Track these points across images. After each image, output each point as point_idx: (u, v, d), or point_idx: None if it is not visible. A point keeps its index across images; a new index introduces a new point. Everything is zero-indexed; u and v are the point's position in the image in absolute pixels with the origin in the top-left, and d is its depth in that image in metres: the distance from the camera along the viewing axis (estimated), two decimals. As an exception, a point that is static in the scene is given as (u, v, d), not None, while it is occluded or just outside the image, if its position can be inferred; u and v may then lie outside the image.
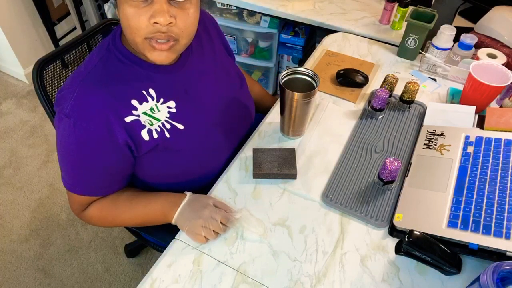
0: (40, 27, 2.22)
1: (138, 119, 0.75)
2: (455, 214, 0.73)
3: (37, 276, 1.49)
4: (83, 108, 0.71)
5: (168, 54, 0.70)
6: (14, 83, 2.29)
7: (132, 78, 0.75)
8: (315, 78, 0.89)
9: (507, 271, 0.56)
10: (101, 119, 0.71)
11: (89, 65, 0.75)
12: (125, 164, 0.79)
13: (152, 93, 0.77)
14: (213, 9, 1.83)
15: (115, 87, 0.73)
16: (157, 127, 0.78)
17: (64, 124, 0.72)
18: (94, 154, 0.74)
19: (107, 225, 0.86)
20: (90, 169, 0.76)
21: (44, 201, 1.73)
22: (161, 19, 0.64)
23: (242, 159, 0.91)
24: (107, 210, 0.82)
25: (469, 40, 1.08)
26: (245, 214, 0.80)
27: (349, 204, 0.81)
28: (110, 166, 0.77)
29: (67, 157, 0.76)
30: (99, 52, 0.76)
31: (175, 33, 0.68)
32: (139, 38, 0.67)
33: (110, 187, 0.82)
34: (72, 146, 0.73)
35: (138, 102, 0.75)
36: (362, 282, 0.70)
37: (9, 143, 1.97)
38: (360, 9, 1.53)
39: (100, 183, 0.79)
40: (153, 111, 0.77)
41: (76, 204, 0.82)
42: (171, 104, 0.79)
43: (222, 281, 0.71)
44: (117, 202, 0.82)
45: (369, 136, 0.95)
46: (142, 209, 0.82)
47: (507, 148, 0.82)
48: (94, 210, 0.82)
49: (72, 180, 0.78)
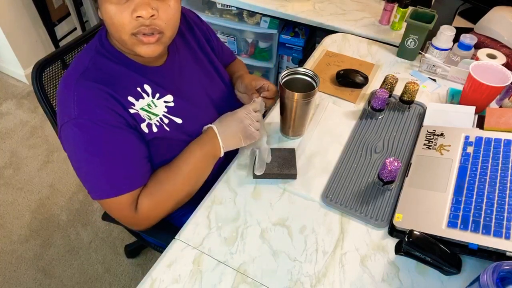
0: (41, 28, 2.22)
1: (138, 113, 0.76)
2: (455, 214, 0.73)
3: (37, 276, 1.49)
4: (90, 104, 0.70)
5: (155, 47, 0.72)
6: (14, 84, 2.29)
7: (124, 76, 0.76)
8: (315, 78, 0.89)
9: (507, 271, 0.56)
10: (111, 108, 0.71)
11: (79, 68, 0.74)
12: (144, 144, 0.78)
13: (148, 89, 0.78)
14: (213, 10, 1.83)
15: (111, 85, 0.73)
16: (156, 121, 0.78)
17: (81, 127, 0.70)
18: (120, 141, 0.73)
19: (168, 207, 0.80)
20: (125, 159, 0.73)
21: (44, 201, 1.73)
22: (144, 12, 0.66)
23: (242, 159, 0.91)
24: (157, 192, 0.77)
25: (469, 41, 1.08)
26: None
27: (349, 204, 0.81)
28: (138, 149, 0.76)
29: (98, 160, 0.72)
30: (87, 55, 0.76)
31: (159, 25, 0.70)
32: (125, 35, 0.69)
33: (146, 172, 0.78)
34: (99, 143, 0.71)
35: (135, 99, 0.76)
36: (362, 282, 0.70)
37: (9, 144, 1.97)
38: (360, 9, 1.53)
39: (138, 170, 0.76)
40: (150, 106, 0.78)
41: (127, 207, 0.75)
42: (168, 98, 0.80)
43: (222, 281, 0.71)
44: (160, 180, 0.78)
45: (369, 136, 0.95)
46: (187, 167, 0.80)
47: (507, 148, 0.82)
48: (146, 201, 0.76)
49: (112, 182, 0.73)
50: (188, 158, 0.81)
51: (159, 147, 0.80)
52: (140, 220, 0.78)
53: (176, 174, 0.79)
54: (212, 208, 0.82)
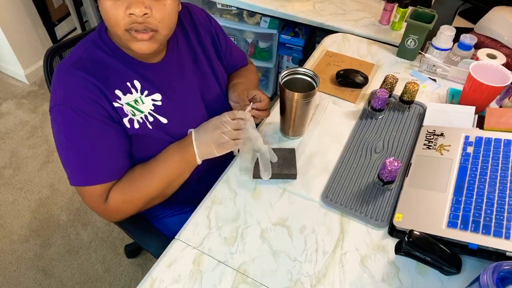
0: (40, 27, 2.22)
1: (122, 108, 0.76)
2: (455, 214, 0.73)
3: (37, 276, 1.49)
4: (75, 93, 0.72)
5: (149, 44, 0.72)
6: (14, 84, 2.29)
7: (116, 69, 0.76)
8: (315, 78, 0.89)
9: (507, 271, 0.56)
10: (94, 100, 0.72)
11: (73, 57, 0.76)
12: (125, 139, 0.79)
13: (137, 85, 0.78)
14: (213, 10, 1.83)
15: (100, 77, 0.74)
16: (139, 118, 0.78)
17: (63, 114, 0.72)
18: (98, 134, 0.74)
19: (136, 205, 0.80)
20: (99, 152, 0.75)
21: (44, 201, 1.73)
22: (136, 10, 0.66)
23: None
24: (128, 189, 0.78)
25: (469, 41, 1.08)
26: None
27: (349, 204, 0.81)
28: (115, 143, 0.77)
29: (74, 148, 0.74)
30: (83, 45, 0.77)
31: (152, 24, 0.70)
32: (120, 30, 0.69)
33: (122, 167, 0.79)
34: (77, 133, 0.73)
35: (122, 93, 0.76)
36: (362, 282, 0.70)
37: (9, 144, 1.97)
38: (360, 9, 1.53)
39: (112, 164, 0.77)
40: (137, 102, 0.78)
41: (95, 198, 0.77)
42: (156, 96, 0.80)
43: (222, 281, 0.71)
44: (134, 178, 0.79)
45: (369, 136, 0.95)
46: (162, 170, 0.80)
47: (507, 148, 0.82)
48: (116, 196, 0.77)
49: (84, 172, 0.75)
50: (164, 160, 0.81)
51: (139, 143, 0.81)
52: (109, 213, 0.79)
53: (150, 174, 0.80)
54: (212, 208, 0.82)
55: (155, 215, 1.00)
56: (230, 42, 1.02)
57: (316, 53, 1.23)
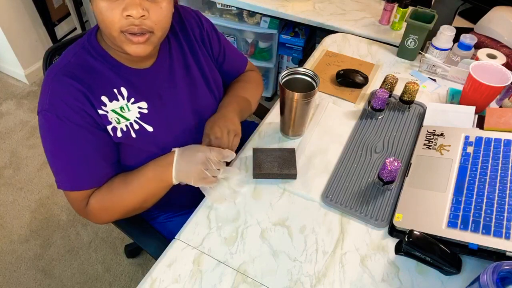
0: (40, 27, 2.22)
1: (106, 115, 0.76)
2: (455, 214, 0.73)
3: (37, 276, 1.49)
4: (60, 100, 0.72)
5: (144, 47, 0.71)
6: (14, 84, 2.29)
7: (103, 75, 0.76)
8: (315, 78, 0.89)
9: (507, 271, 0.56)
10: (79, 107, 0.72)
11: (62, 62, 0.76)
12: (110, 147, 0.79)
13: (124, 92, 0.77)
14: (213, 10, 1.83)
15: (86, 83, 0.74)
16: (123, 126, 0.78)
17: (48, 120, 0.72)
18: (80, 141, 0.74)
19: (113, 215, 0.81)
20: (80, 159, 0.75)
21: (44, 201, 1.73)
22: (134, 11, 0.66)
23: (242, 159, 0.91)
24: (106, 198, 0.79)
25: (469, 41, 1.08)
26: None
27: (349, 204, 0.81)
28: (98, 151, 0.77)
29: (57, 153, 0.75)
30: (73, 49, 0.77)
31: (149, 26, 0.69)
32: (115, 32, 0.69)
33: (103, 175, 0.79)
34: (60, 139, 0.73)
35: (108, 99, 0.76)
36: (362, 282, 0.70)
37: (9, 144, 1.97)
38: (360, 9, 1.53)
39: (93, 172, 0.77)
40: (123, 110, 0.78)
41: (78, 202, 0.79)
42: (142, 104, 0.79)
43: (222, 281, 0.71)
44: (112, 188, 0.79)
45: (369, 136, 0.95)
46: (137, 184, 0.79)
47: (507, 148, 0.82)
48: (94, 203, 0.79)
49: (66, 177, 0.76)
50: (142, 175, 0.80)
51: (124, 152, 0.81)
52: (90, 217, 0.81)
53: (126, 187, 0.80)
54: (212, 208, 0.82)
55: (154, 217, 1.00)
56: (227, 45, 0.98)
57: (316, 53, 1.23)
